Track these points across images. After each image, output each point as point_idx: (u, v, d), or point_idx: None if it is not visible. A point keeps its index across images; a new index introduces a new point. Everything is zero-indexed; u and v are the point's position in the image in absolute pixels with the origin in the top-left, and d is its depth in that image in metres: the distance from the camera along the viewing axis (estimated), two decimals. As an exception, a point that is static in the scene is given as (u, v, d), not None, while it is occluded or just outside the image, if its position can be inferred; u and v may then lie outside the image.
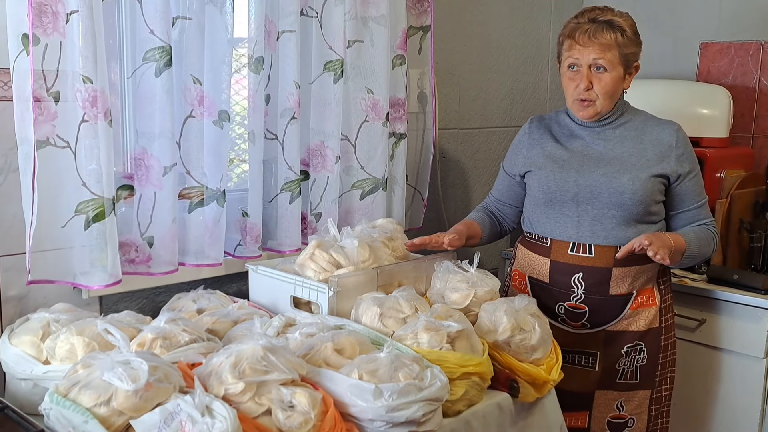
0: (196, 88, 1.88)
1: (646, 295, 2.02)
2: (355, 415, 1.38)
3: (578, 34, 1.93)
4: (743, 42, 2.84)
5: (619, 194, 1.94)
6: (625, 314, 2.01)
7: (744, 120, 2.83)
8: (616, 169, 1.96)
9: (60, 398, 1.24)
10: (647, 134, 2.00)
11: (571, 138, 2.05)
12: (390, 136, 2.32)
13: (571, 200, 1.99)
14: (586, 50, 1.92)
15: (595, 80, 1.93)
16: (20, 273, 1.70)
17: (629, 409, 2.06)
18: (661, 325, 2.04)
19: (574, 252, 1.99)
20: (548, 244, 2.04)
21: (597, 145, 2.01)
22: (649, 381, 2.05)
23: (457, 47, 2.71)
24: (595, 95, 1.94)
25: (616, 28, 1.91)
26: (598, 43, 1.91)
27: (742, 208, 2.56)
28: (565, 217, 2.00)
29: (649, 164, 1.95)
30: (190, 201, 1.94)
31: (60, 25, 1.63)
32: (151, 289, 1.95)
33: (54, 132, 1.66)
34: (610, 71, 1.92)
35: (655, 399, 2.07)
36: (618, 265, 1.96)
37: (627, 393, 2.05)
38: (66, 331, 1.49)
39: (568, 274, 2.00)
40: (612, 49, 1.91)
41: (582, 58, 1.93)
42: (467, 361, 1.56)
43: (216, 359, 1.35)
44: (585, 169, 1.98)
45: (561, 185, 1.99)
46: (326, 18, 2.11)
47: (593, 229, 1.97)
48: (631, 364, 2.03)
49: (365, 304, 1.70)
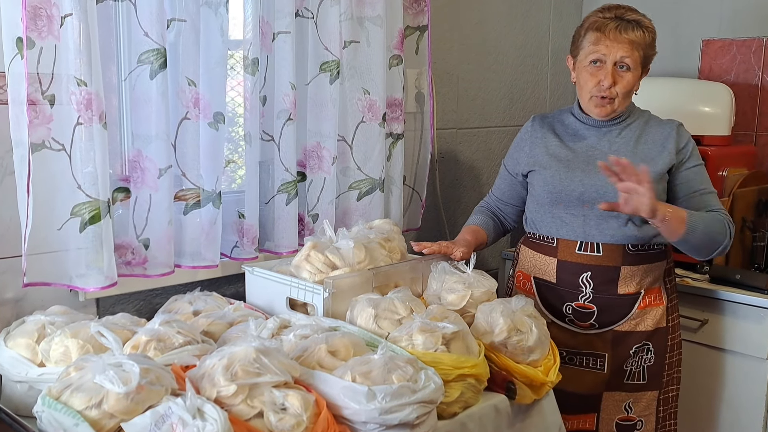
0: (191, 90, 1.88)
1: (654, 295, 2.01)
2: (348, 418, 1.38)
3: (608, 29, 1.90)
4: (745, 39, 2.82)
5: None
6: (633, 314, 1.99)
7: (746, 118, 2.81)
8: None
9: (52, 401, 1.25)
10: (649, 134, 1.99)
11: (575, 138, 2.04)
12: (387, 137, 2.32)
13: (576, 200, 1.98)
14: (615, 46, 1.89)
15: (618, 78, 1.91)
16: (16, 275, 1.71)
17: (637, 411, 2.04)
18: (668, 324, 2.03)
19: (581, 251, 1.98)
20: (555, 244, 2.02)
21: (602, 145, 2.00)
22: (657, 382, 2.04)
23: (454, 47, 2.70)
24: (616, 93, 1.93)
25: (644, 28, 1.91)
26: (628, 40, 1.88)
27: (744, 206, 2.54)
28: (571, 216, 1.99)
29: (653, 163, 1.94)
30: (186, 203, 1.94)
31: (55, 29, 1.63)
32: (147, 291, 1.95)
33: (49, 135, 1.66)
34: (633, 71, 1.91)
35: (662, 400, 2.06)
36: (626, 263, 1.95)
37: (635, 394, 2.03)
38: (61, 334, 1.49)
39: (575, 274, 1.99)
40: (639, 48, 1.90)
41: (609, 54, 1.90)
42: (463, 362, 1.55)
43: (208, 361, 1.35)
44: (591, 170, 1.97)
45: (567, 185, 1.98)
46: (322, 19, 2.11)
47: (600, 228, 1.96)
48: (639, 364, 2.02)
49: (360, 305, 1.70)
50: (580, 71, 1.98)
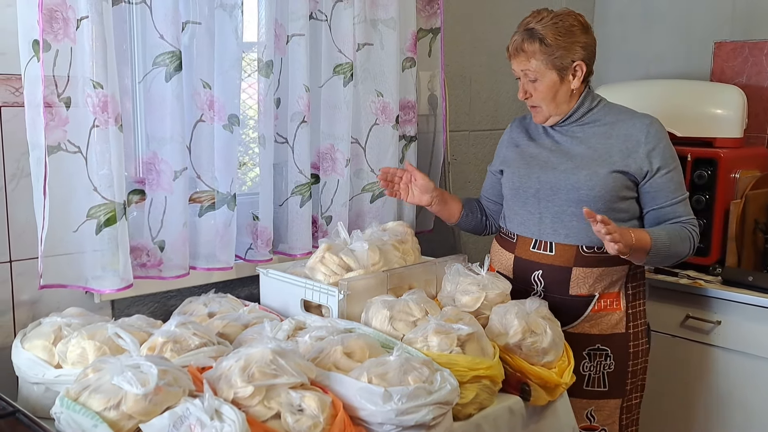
0: (206, 93, 1.89)
1: (610, 299, 1.99)
2: (365, 419, 1.38)
3: (511, 48, 1.99)
4: (757, 41, 2.81)
5: (576, 190, 1.92)
6: (586, 316, 1.98)
7: (758, 120, 2.80)
8: (575, 165, 1.95)
9: (70, 402, 1.25)
10: (617, 129, 1.97)
11: (544, 136, 2.07)
12: (400, 139, 2.32)
13: (533, 197, 2.00)
14: (516, 62, 1.98)
15: (531, 89, 1.98)
16: (32, 277, 1.71)
17: (600, 420, 2.02)
18: (628, 331, 2.00)
19: (535, 249, 2.00)
20: (514, 240, 2.05)
21: (565, 142, 2.01)
22: (620, 389, 2.02)
23: (467, 49, 2.70)
24: (537, 101, 1.98)
25: (536, 36, 1.92)
26: (523, 53, 1.95)
27: (756, 208, 2.53)
28: (529, 213, 2.01)
29: (613, 160, 1.92)
30: (201, 205, 1.95)
31: (71, 31, 1.64)
32: (162, 293, 1.96)
33: (65, 137, 1.67)
34: (540, 79, 1.95)
35: (626, 408, 2.04)
36: (578, 265, 1.95)
37: (597, 402, 2.01)
38: (77, 335, 1.50)
39: (529, 272, 2.00)
40: (534, 57, 1.93)
41: (517, 70, 1.99)
42: (478, 364, 1.55)
43: (225, 363, 1.35)
44: (548, 167, 1.99)
45: (524, 181, 2.02)
46: (336, 21, 2.11)
47: (554, 227, 1.97)
48: (598, 369, 2.00)
49: (375, 307, 1.70)
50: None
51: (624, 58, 3.18)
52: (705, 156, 2.47)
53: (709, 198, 2.47)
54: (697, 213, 2.46)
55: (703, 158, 2.48)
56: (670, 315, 2.49)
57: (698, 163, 2.48)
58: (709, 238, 2.48)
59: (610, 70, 3.22)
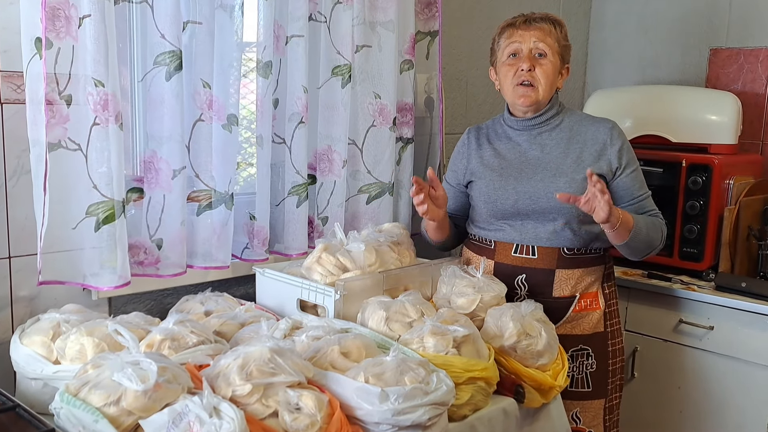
0: (205, 92, 1.90)
1: (590, 299, 2.02)
2: (361, 418, 1.39)
3: (518, 23, 1.99)
4: (753, 48, 2.83)
5: (556, 198, 1.93)
6: (568, 317, 2.00)
7: (753, 127, 2.82)
8: (552, 173, 1.97)
9: (70, 397, 1.26)
10: (581, 134, 2.00)
11: (508, 145, 2.06)
12: (397, 141, 2.33)
13: (511, 207, 1.99)
14: (527, 35, 1.96)
15: (536, 64, 1.96)
16: (31, 274, 1.72)
17: (586, 422, 2.04)
18: (607, 330, 2.04)
19: (517, 253, 2.00)
20: (492, 246, 2.04)
21: (534, 150, 2.02)
22: (602, 389, 2.04)
23: (464, 52, 2.72)
24: (538, 79, 1.96)
25: (552, 21, 1.98)
26: (539, 28, 1.96)
27: (750, 215, 2.56)
28: (507, 223, 2.01)
29: (585, 165, 1.95)
30: (199, 204, 1.96)
31: (73, 29, 1.65)
32: (159, 291, 1.97)
33: (66, 135, 1.68)
34: (550, 58, 1.96)
35: (608, 408, 2.06)
36: (561, 267, 1.97)
37: (582, 403, 2.03)
38: (76, 332, 1.50)
39: (511, 276, 2.00)
40: (551, 35, 1.96)
41: (524, 43, 1.96)
42: (473, 365, 1.56)
43: (224, 361, 1.36)
44: (523, 177, 1.99)
45: (501, 194, 2.00)
46: (335, 23, 2.12)
47: (536, 232, 1.98)
48: (581, 370, 2.02)
49: (371, 307, 1.71)
50: (500, 69, 2.03)
51: (619, 63, 3.20)
52: (699, 162, 2.49)
53: (703, 204, 2.49)
54: (691, 219, 2.50)
55: (697, 164, 2.49)
56: (663, 320, 2.51)
57: (693, 169, 2.50)
58: (702, 243, 2.50)
59: (605, 75, 3.24)
